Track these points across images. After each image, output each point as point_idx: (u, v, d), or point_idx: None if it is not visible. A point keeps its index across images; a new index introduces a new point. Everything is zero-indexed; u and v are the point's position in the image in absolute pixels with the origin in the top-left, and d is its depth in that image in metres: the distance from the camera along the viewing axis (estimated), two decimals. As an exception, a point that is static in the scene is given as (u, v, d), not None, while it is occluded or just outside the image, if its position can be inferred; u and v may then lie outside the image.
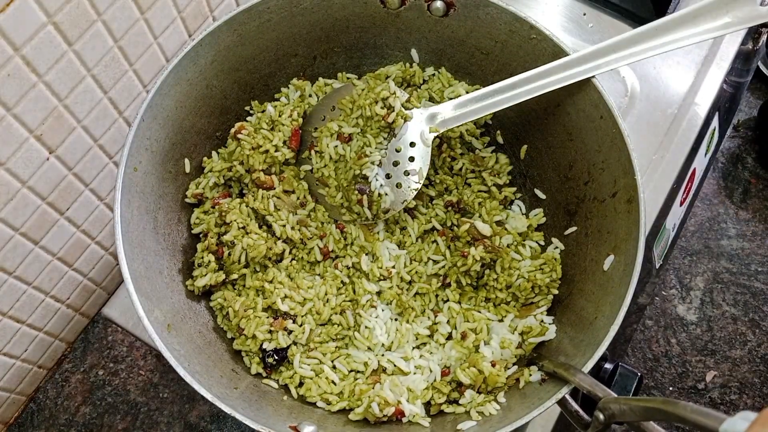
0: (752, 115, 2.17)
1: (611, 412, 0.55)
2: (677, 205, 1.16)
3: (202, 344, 0.74)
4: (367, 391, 0.73)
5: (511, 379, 0.73)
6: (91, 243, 1.02)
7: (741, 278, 1.92)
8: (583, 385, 0.61)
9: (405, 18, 0.83)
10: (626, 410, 0.53)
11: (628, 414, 0.53)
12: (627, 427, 0.54)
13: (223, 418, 1.00)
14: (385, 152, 0.81)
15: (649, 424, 0.52)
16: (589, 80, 0.74)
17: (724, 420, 0.40)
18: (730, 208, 2.03)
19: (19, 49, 0.73)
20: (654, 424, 0.52)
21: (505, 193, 0.86)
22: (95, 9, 0.79)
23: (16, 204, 0.83)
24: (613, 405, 0.55)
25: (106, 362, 1.05)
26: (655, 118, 1.08)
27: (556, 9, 1.17)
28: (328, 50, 0.88)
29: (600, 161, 0.76)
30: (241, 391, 0.70)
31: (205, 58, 0.77)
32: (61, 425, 1.01)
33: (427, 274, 0.83)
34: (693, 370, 1.80)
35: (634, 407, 0.52)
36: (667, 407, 0.47)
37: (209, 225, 0.80)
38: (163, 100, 0.74)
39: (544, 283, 0.78)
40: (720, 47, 1.13)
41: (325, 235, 0.84)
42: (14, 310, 0.93)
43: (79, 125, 0.87)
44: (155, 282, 0.72)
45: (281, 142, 0.83)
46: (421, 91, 0.87)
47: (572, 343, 0.71)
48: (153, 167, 0.75)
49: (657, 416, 0.49)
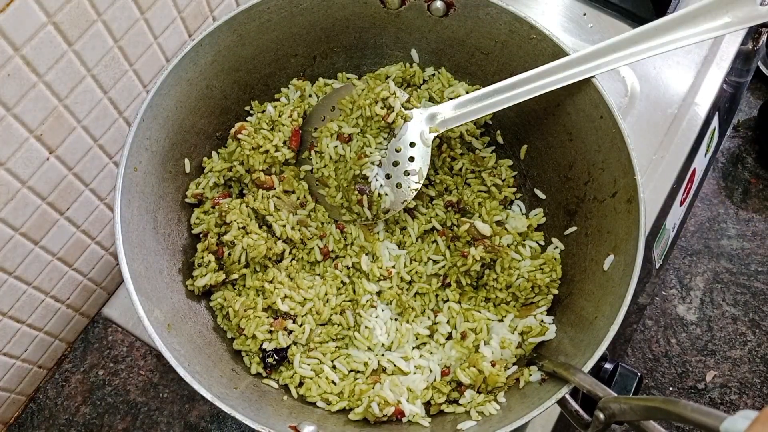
0: (752, 115, 2.17)
1: (611, 411, 0.55)
2: (677, 205, 1.16)
3: (202, 344, 0.74)
4: (367, 391, 0.73)
5: (511, 379, 0.73)
6: (91, 243, 1.02)
7: (741, 278, 1.92)
8: (584, 384, 0.61)
9: (405, 18, 0.83)
10: (627, 409, 0.53)
11: (629, 413, 0.53)
12: (627, 427, 0.54)
13: (223, 418, 1.00)
14: (385, 152, 0.81)
15: (650, 423, 0.52)
16: (589, 80, 0.74)
17: (725, 419, 0.40)
18: (730, 208, 2.03)
19: (19, 49, 0.73)
20: (654, 424, 0.52)
21: (505, 193, 0.86)
22: (95, 9, 0.80)
23: (16, 204, 0.83)
24: (614, 404, 0.55)
25: (106, 362, 1.05)
26: (655, 118, 1.08)
27: (556, 9, 1.17)
28: (328, 50, 0.88)
29: (600, 161, 0.76)
30: (241, 391, 0.70)
31: (205, 58, 0.77)
32: (61, 425, 1.01)
33: (427, 274, 0.83)
34: (693, 370, 1.80)
35: (634, 406, 0.52)
36: (667, 406, 0.47)
37: (209, 225, 0.80)
38: (163, 100, 0.74)
39: (544, 283, 0.78)
40: (720, 47, 1.13)
41: (325, 235, 0.84)
42: (14, 310, 0.93)
43: (79, 125, 0.87)
44: (155, 282, 0.72)
45: (281, 142, 0.83)
46: (421, 91, 0.87)
47: (572, 343, 0.71)
48: (153, 167, 0.75)
49: (658, 415, 0.49)
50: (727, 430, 0.40)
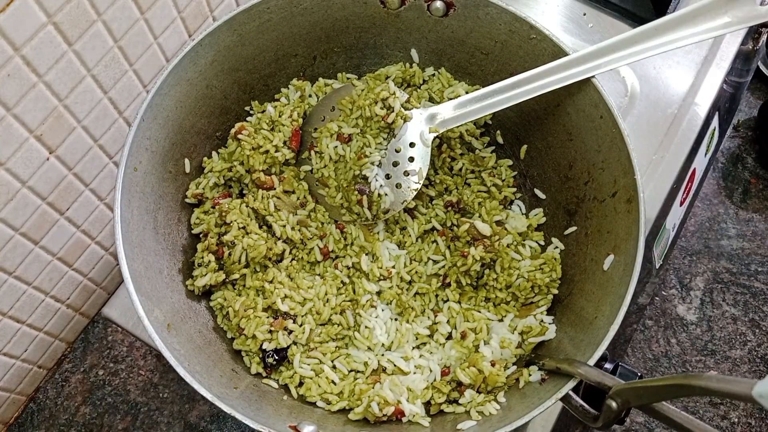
0: (752, 115, 2.17)
1: (625, 397, 0.53)
2: (677, 205, 1.16)
3: (202, 344, 0.74)
4: (367, 390, 0.73)
5: (510, 378, 0.73)
6: (91, 243, 1.02)
7: (741, 278, 1.92)
8: (590, 376, 0.59)
9: (405, 18, 0.83)
10: (643, 393, 0.51)
11: (645, 396, 0.50)
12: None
13: (223, 418, 1.00)
14: (385, 153, 0.81)
15: (663, 405, 0.50)
16: (589, 80, 0.74)
17: (755, 384, 0.38)
18: (730, 208, 2.03)
19: (19, 49, 0.73)
20: (668, 405, 0.50)
21: (504, 193, 0.86)
22: (95, 9, 0.80)
23: (16, 204, 0.83)
24: (628, 390, 0.53)
25: (106, 362, 1.05)
26: (655, 118, 1.08)
27: (556, 9, 1.17)
28: (328, 50, 0.88)
29: (600, 161, 0.76)
30: (241, 391, 0.70)
31: (205, 58, 0.77)
32: (61, 425, 1.01)
33: (427, 274, 0.83)
34: (693, 370, 1.80)
35: (651, 387, 0.50)
36: (690, 381, 0.44)
37: (209, 225, 0.80)
38: (163, 100, 0.74)
39: (544, 283, 0.78)
40: (720, 47, 1.13)
41: (325, 235, 0.84)
42: (14, 310, 0.93)
43: (79, 125, 0.87)
44: (155, 282, 0.72)
45: (281, 142, 0.83)
46: (421, 92, 0.87)
47: (572, 343, 0.71)
48: (153, 167, 0.75)
49: (679, 393, 0.47)
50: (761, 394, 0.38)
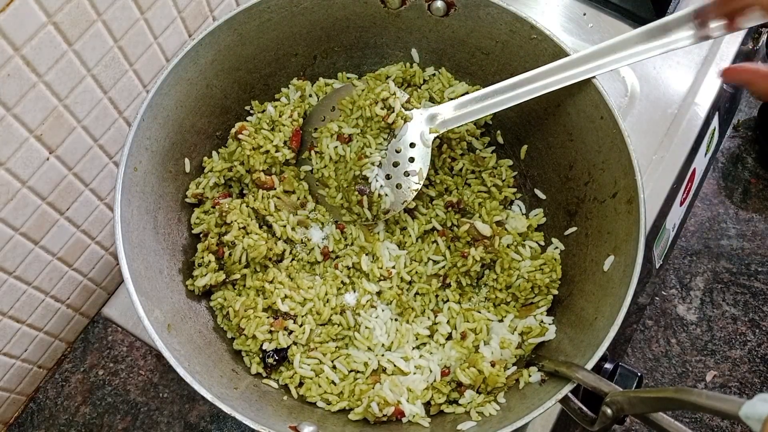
0: (752, 115, 2.17)
1: (620, 405, 0.53)
2: (677, 205, 1.16)
3: (202, 344, 0.74)
4: (367, 391, 0.73)
5: (510, 379, 0.73)
6: (91, 243, 1.02)
7: (741, 278, 1.92)
8: (587, 381, 0.59)
9: (405, 18, 0.83)
10: (636, 402, 0.51)
11: (639, 406, 0.51)
12: (627, 427, 0.53)
13: (223, 418, 1.00)
14: (385, 153, 0.81)
15: (659, 414, 0.51)
16: (590, 81, 0.74)
17: (743, 403, 0.39)
18: (730, 208, 2.03)
19: (19, 49, 0.72)
20: (664, 415, 0.51)
21: (505, 194, 0.86)
22: (95, 9, 0.79)
23: (16, 204, 0.83)
24: (622, 398, 0.53)
25: (106, 362, 1.05)
26: (655, 118, 1.08)
27: (556, 9, 1.17)
28: (329, 50, 0.88)
29: (600, 161, 0.76)
30: (241, 391, 0.70)
31: (205, 57, 0.77)
32: (61, 425, 1.01)
33: (427, 274, 0.83)
34: (693, 370, 1.80)
35: (644, 398, 0.50)
36: (681, 395, 0.45)
37: (209, 225, 0.80)
38: (163, 100, 0.74)
39: (544, 284, 0.78)
40: (720, 47, 1.13)
41: (325, 235, 0.84)
42: (14, 310, 0.93)
43: (79, 125, 0.87)
44: (155, 282, 0.72)
45: (282, 142, 0.83)
46: (422, 92, 0.87)
47: (572, 344, 0.71)
48: (153, 167, 0.75)
49: (670, 406, 0.48)
50: (747, 415, 0.38)
